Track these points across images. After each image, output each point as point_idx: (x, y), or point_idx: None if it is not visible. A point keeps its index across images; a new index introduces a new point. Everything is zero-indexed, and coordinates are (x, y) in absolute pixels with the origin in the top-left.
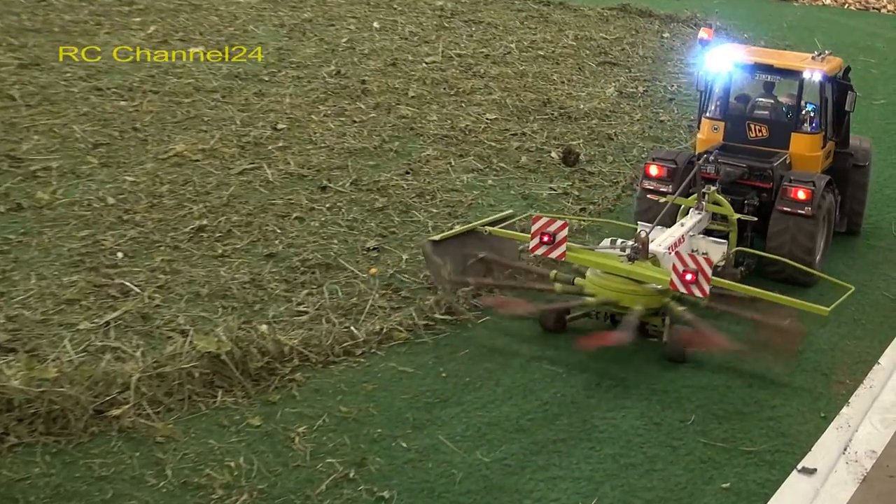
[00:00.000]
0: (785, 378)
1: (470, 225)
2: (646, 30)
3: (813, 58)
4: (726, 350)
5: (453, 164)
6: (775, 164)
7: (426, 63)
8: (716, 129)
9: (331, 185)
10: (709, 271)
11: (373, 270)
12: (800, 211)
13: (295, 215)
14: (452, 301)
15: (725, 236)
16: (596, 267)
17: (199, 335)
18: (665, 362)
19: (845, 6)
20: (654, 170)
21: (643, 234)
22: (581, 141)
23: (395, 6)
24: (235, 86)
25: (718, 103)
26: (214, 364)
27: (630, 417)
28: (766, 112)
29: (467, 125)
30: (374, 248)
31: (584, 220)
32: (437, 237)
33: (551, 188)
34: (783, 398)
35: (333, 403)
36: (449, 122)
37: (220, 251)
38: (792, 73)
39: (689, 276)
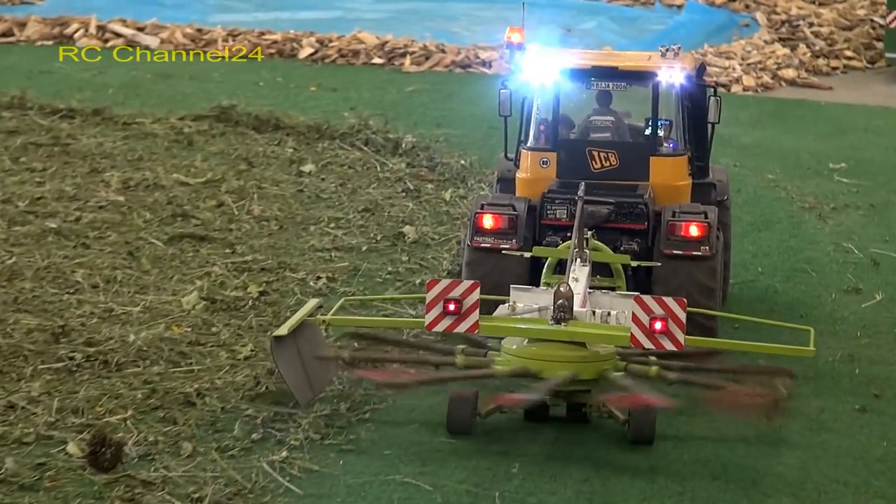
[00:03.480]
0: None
1: (299, 318)
2: (267, 159)
3: (662, 55)
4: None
5: None
6: (647, 199)
7: None
8: (545, 162)
9: None
10: (682, 316)
11: None
12: (695, 252)
13: None
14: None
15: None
16: (523, 335)
17: None
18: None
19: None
20: (488, 221)
21: (564, 289)
22: (130, 415)
23: None
24: None
25: (542, 128)
26: None
27: None
28: (610, 134)
29: None
30: None
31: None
32: (283, 331)
33: None
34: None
35: None
36: None
37: None
38: (644, 77)
39: (657, 325)
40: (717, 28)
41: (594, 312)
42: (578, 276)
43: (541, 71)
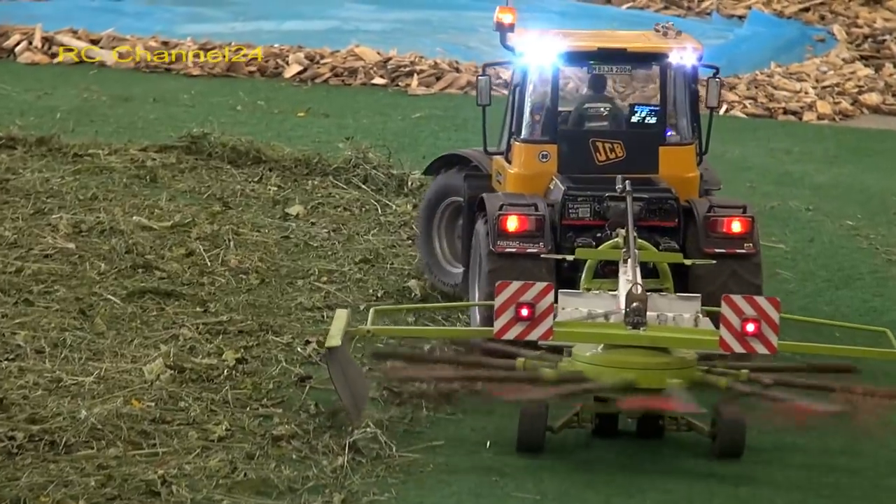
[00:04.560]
0: None
1: (341, 327)
2: (247, 199)
3: (664, 34)
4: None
5: None
6: (675, 193)
7: None
8: (545, 156)
9: None
10: (776, 317)
11: None
12: (739, 250)
13: None
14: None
15: None
16: (601, 341)
17: None
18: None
19: None
20: (513, 223)
21: (637, 291)
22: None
23: None
24: None
25: (539, 117)
26: None
27: None
28: (610, 123)
29: None
30: None
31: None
32: (336, 341)
33: None
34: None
35: None
36: None
37: None
38: (654, 59)
39: (750, 327)
40: (785, 44)
41: (656, 316)
42: (631, 278)
43: (538, 54)
